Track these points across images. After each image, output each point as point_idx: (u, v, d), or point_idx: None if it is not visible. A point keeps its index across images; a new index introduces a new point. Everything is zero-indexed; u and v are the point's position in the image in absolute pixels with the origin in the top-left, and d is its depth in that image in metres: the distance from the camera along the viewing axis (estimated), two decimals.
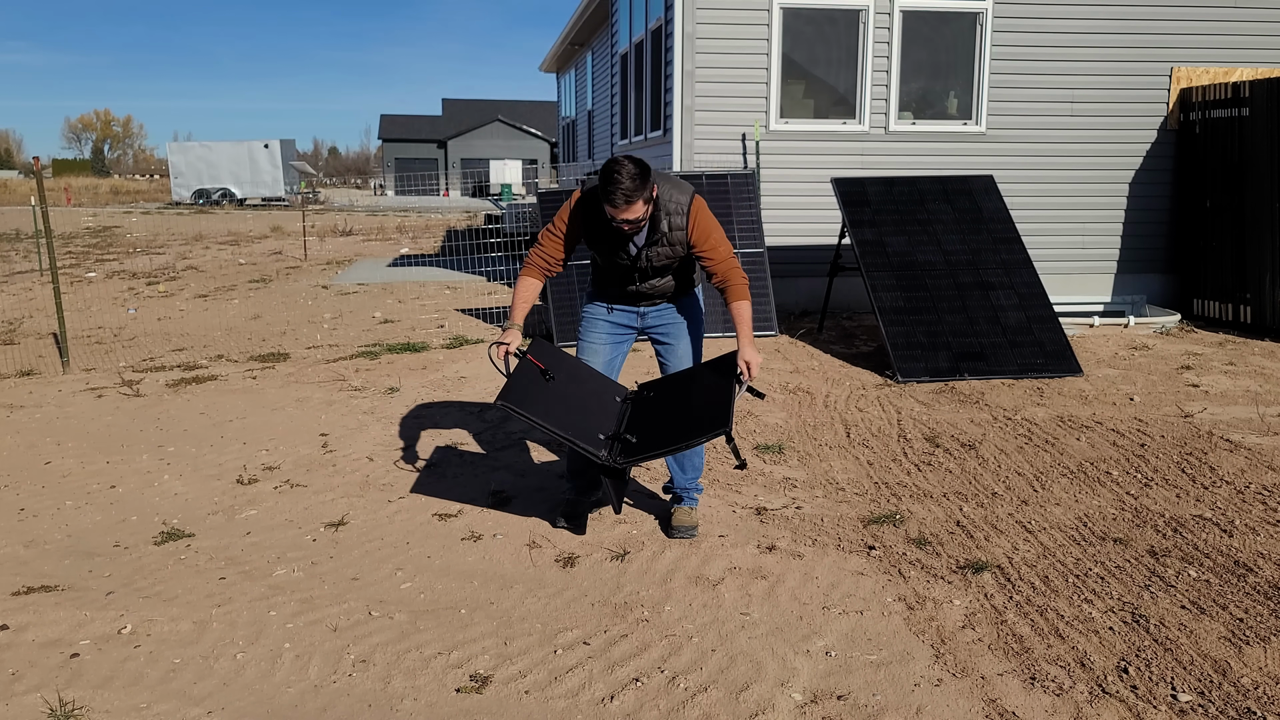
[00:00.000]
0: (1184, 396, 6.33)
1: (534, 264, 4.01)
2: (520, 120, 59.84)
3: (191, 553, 3.98)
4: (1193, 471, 4.85)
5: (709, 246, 3.89)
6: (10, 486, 4.83)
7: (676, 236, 3.88)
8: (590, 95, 16.22)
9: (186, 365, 7.58)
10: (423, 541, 4.08)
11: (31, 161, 9.22)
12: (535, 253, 4.01)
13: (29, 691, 2.93)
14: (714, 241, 3.89)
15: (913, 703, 2.85)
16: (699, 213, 3.87)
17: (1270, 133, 8.35)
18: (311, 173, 50.12)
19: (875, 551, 3.95)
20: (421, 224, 26.23)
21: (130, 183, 62.43)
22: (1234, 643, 3.15)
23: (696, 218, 3.86)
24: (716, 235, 3.90)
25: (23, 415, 6.16)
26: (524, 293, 3.97)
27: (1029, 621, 3.33)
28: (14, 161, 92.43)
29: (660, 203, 3.82)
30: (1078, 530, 4.14)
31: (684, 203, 3.85)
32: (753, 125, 9.17)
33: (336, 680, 3.00)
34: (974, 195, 8.13)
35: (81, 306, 10.88)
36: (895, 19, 9.19)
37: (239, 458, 5.22)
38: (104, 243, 20.05)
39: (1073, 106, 9.49)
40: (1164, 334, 8.58)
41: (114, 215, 31.00)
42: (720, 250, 3.90)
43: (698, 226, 3.87)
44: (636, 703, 2.86)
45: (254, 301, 11.25)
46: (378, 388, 6.73)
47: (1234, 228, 8.80)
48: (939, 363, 6.94)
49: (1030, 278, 7.58)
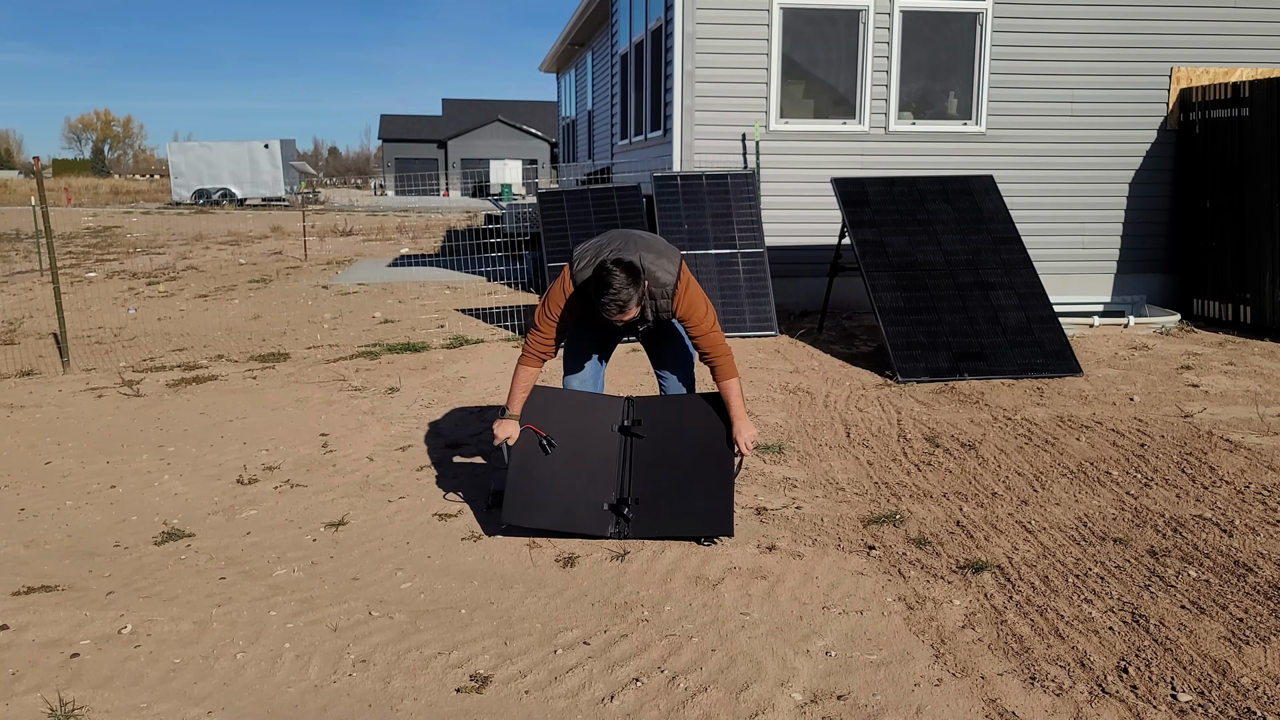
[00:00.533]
0: (1184, 396, 6.33)
1: (533, 353, 4.06)
2: (520, 120, 59.83)
3: (191, 553, 3.98)
4: (1193, 471, 4.85)
5: (694, 320, 4.03)
6: (10, 486, 4.83)
7: (664, 318, 4.07)
8: (590, 95, 16.22)
9: (187, 365, 7.58)
10: (423, 541, 4.08)
11: (31, 161, 9.22)
12: (534, 341, 4.06)
13: (29, 691, 2.93)
14: (698, 316, 4.01)
15: (913, 703, 2.85)
16: (684, 292, 3.99)
17: (1270, 133, 8.35)
18: (311, 173, 50.12)
19: (875, 551, 3.95)
20: (422, 224, 26.23)
21: (130, 183, 62.43)
22: (1234, 643, 3.15)
23: (682, 298, 4.00)
24: (701, 310, 4.02)
25: (23, 415, 6.16)
26: (523, 381, 4.06)
27: (1029, 621, 3.33)
28: (14, 161, 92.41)
29: (648, 292, 3.92)
30: (1078, 530, 4.14)
31: (669, 285, 3.95)
32: (753, 125, 9.17)
33: (336, 680, 3.00)
34: (974, 195, 8.13)
35: (81, 306, 10.88)
36: (895, 19, 9.19)
37: (239, 458, 5.22)
38: (104, 243, 20.05)
39: (1073, 106, 9.49)
40: (1164, 334, 8.58)
41: (114, 215, 31.01)
42: (705, 324, 4.02)
43: (683, 303, 4.00)
44: (636, 703, 2.86)
45: (254, 301, 11.25)
46: (378, 388, 6.73)
47: (1234, 228, 8.80)
48: (939, 363, 6.94)
49: (1030, 278, 7.58)
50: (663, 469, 4.08)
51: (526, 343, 4.07)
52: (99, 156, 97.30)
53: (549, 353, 4.06)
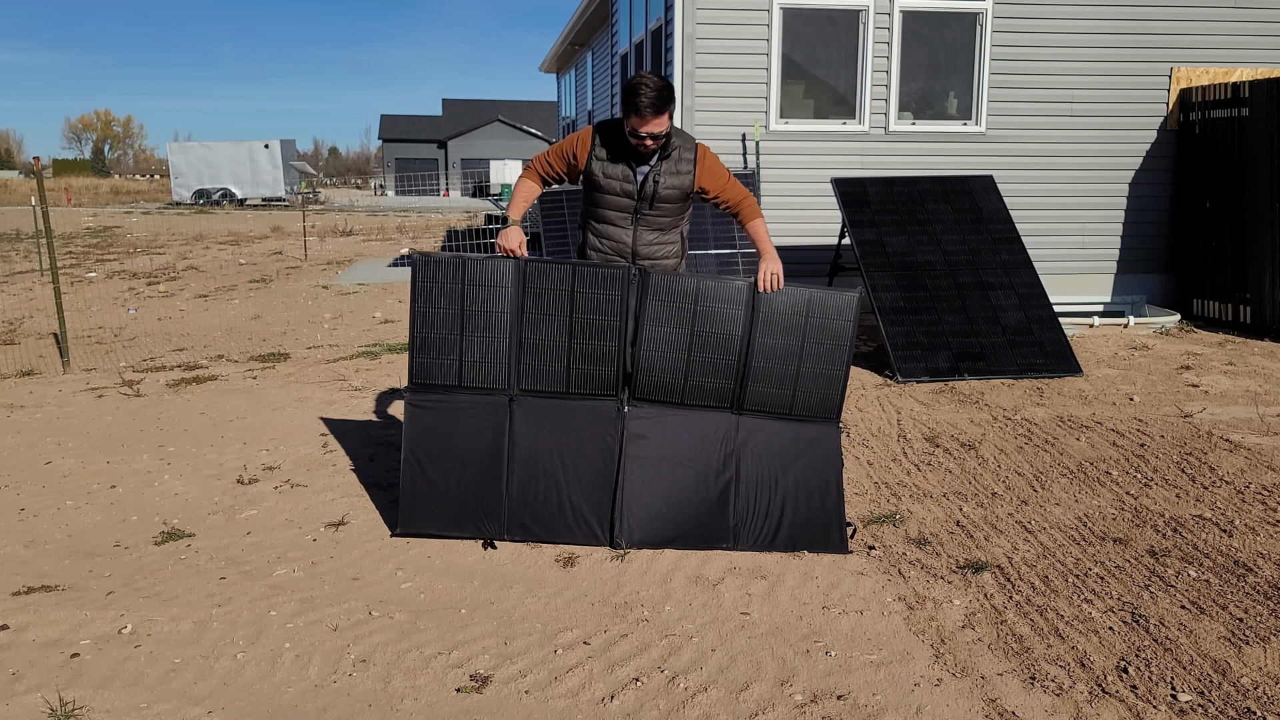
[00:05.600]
0: (1184, 396, 6.33)
1: (535, 169, 4.19)
2: (520, 120, 59.84)
3: (192, 553, 3.98)
4: (1192, 471, 4.85)
5: (717, 177, 4.11)
6: (10, 486, 4.83)
7: (684, 167, 4.05)
8: (590, 95, 16.22)
9: (187, 365, 7.58)
10: (423, 541, 4.08)
11: (32, 161, 9.22)
12: (538, 160, 4.18)
13: (29, 691, 2.93)
14: (723, 175, 4.12)
15: (913, 703, 2.85)
16: (706, 154, 4.11)
17: (1270, 133, 8.35)
18: (312, 173, 50.12)
19: (875, 551, 3.95)
20: (422, 224, 26.23)
21: (130, 183, 62.42)
22: (1234, 643, 3.15)
23: (705, 155, 4.10)
24: (723, 170, 4.14)
25: (23, 415, 6.16)
26: (524, 192, 4.15)
27: (1029, 621, 3.33)
28: (14, 161, 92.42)
29: (672, 130, 4.01)
30: (1078, 530, 4.14)
31: (691, 141, 4.09)
32: (753, 125, 9.17)
33: (336, 680, 3.00)
34: (974, 195, 8.13)
35: (82, 306, 10.88)
36: (895, 19, 9.19)
37: (239, 458, 5.22)
38: (104, 243, 20.05)
39: (1073, 106, 9.49)
40: (1164, 334, 8.58)
41: (114, 215, 31.00)
42: (725, 178, 4.13)
43: (706, 160, 4.09)
44: (636, 703, 2.86)
45: (254, 301, 11.25)
46: (378, 388, 6.73)
47: (1234, 228, 8.80)
48: (939, 363, 6.94)
49: (1030, 278, 7.58)
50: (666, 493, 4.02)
51: (531, 161, 4.20)
52: (99, 156, 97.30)
53: (548, 176, 4.18)
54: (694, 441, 3.99)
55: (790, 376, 3.98)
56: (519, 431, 3.98)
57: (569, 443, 3.99)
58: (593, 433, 3.99)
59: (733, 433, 4.00)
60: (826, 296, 4.00)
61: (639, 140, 3.91)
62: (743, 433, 4.00)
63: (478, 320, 3.94)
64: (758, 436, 4.00)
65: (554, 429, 3.99)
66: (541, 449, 3.99)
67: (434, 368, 3.98)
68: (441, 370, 3.97)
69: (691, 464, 3.98)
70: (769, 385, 3.98)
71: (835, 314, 3.97)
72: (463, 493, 3.99)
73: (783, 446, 4.00)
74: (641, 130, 3.87)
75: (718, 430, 4.00)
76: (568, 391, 3.99)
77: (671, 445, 3.99)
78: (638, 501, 3.95)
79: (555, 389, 3.99)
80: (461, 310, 3.94)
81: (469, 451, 3.99)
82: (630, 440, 3.97)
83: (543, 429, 3.99)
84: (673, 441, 3.99)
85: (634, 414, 4.00)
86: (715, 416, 4.00)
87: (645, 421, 3.99)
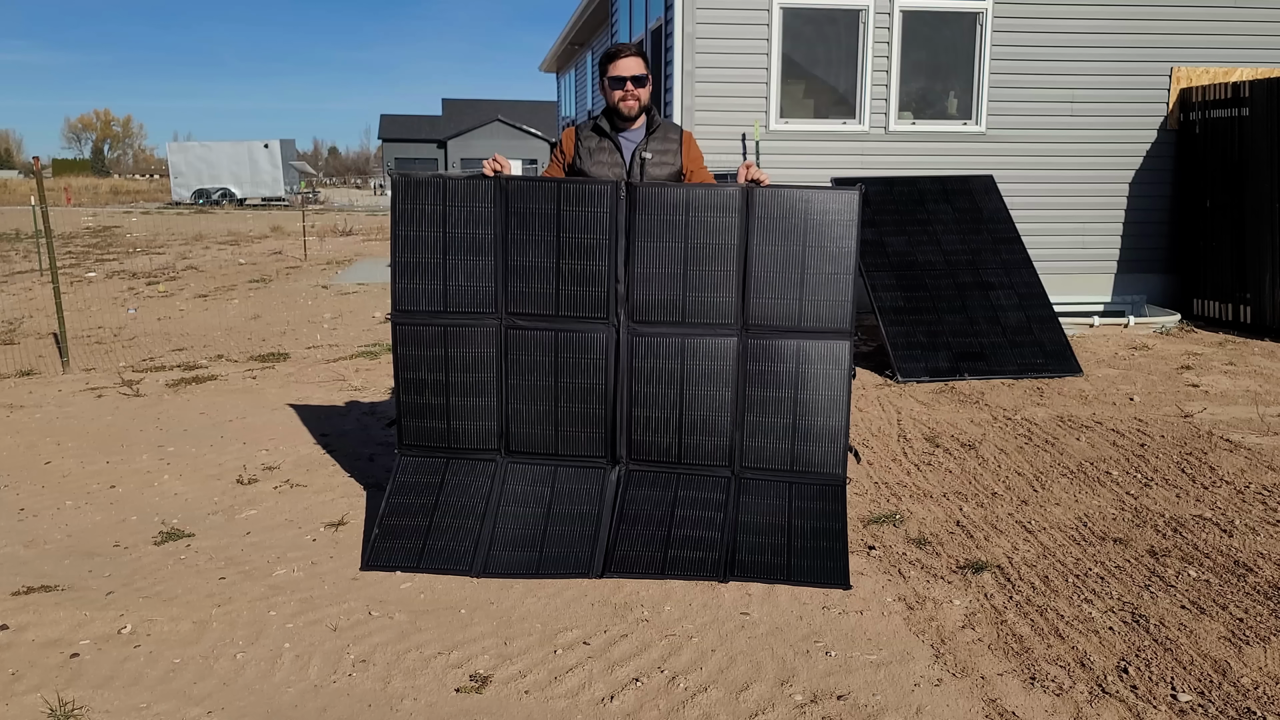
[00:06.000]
0: (1184, 396, 6.33)
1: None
2: (520, 120, 59.84)
3: (191, 553, 3.98)
4: (1193, 471, 4.85)
5: (698, 161, 4.20)
6: (10, 486, 4.82)
7: (671, 146, 4.11)
8: (590, 95, 16.22)
9: (186, 365, 7.58)
10: None
11: (31, 161, 9.22)
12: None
13: (29, 691, 2.93)
14: (699, 155, 4.23)
15: (913, 703, 2.85)
16: (692, 141, 4.23)
17: (1270, 133, 8.35)
18: (311, 172, 50.13)
19: (875, 551, 3.95)
20: None
21: (130, 183, 62.42)
22: (1234, 643, 3.15)
23: (690, 138, 4.20)
24: (701, 154, 4.25)
25: (23, 415, 6.15)
26: None
27: (1029, 621, 3.33)
28: (14, 161, 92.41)
29: (656, 109, 4.11)
30: (1078, 530, 4.14)
31: (677, 126, 4.21)
32: (753, 125, 9.17)
33: (336, 680, 3.00)
34: (974, 195, 8.13)
35: (81, 306, 10.88)
36: (895, 19, 9.18)
37: (239, 458, 5.21)
38: (104, 243, 20.05)
39: (1073, 106, 9.49)
40: (1164, 334, 8.58)
41: (114, 215, 31.00)
42: (704, 169, 4.23)
43: (690, 144, 4.20)
44: (636, 703, 2.86)
45: (254, 301, 11.25)
46: (378, 388, 6.73)
47: (1234, 228, 8.80)
48: (939, 363, 6.94)
49: (1030, 278, 7.58)
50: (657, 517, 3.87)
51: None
52: (99, 156, 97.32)
53: None
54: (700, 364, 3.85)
55: (794, 284, 3.81)
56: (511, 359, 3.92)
57: (564, 365, 3.88)
58: (589, 358, 3.88)
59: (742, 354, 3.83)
60: (826, 195, 3.83)
61: (622, 89, 3.92)
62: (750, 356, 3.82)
63: (462, 243, 3.85)
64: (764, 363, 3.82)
65: (546, 353, 3.90)
66: (537, 374, 3.90)
67: (416, 293, 3.90)
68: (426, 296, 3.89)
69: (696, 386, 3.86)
70: (772, 296, 3.81)
71: (836, 212, 3.79)
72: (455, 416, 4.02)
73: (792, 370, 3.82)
74: (624, 74, 3.89)
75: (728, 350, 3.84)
76: (557, 314, 3.87)
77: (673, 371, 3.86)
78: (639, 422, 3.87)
79: (545, 312, 3.88)
80: (444, 233, 3.87)
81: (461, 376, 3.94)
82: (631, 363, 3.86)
83: (534, 352, 3.91)
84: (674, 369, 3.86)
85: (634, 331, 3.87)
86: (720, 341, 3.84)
87: (645, 340, 3.86)
